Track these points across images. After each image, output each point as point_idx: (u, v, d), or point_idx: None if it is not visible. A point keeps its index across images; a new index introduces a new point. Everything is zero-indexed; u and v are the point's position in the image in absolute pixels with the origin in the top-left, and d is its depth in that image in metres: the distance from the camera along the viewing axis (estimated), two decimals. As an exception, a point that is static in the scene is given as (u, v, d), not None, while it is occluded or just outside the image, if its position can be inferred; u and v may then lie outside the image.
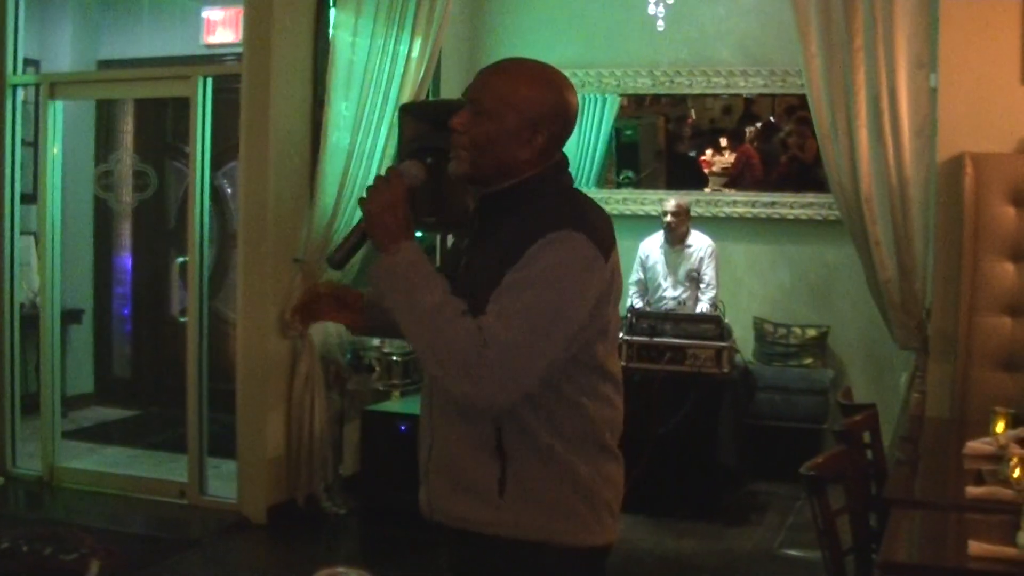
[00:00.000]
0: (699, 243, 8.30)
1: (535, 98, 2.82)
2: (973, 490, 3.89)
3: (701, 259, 8.24)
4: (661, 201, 8.68)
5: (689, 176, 9.29)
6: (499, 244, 2.70)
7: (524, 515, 2.73)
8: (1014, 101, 6.11)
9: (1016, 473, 3.81)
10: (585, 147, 9.36)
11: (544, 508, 2.73)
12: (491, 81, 2.86)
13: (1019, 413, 4.69)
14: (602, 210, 2.89)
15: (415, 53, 7.18)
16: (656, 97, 9.31)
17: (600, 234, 2.71)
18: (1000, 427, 4.58)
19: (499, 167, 2.80)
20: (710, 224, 8.83)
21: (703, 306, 8.08)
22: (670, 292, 8.24)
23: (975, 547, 3.23)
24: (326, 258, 2.71)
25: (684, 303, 8.21)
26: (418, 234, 7.54)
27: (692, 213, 8.59)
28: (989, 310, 5.94)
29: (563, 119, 2.88)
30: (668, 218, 8.21)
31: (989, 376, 5.92)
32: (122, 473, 7.60)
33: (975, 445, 4.51)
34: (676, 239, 8.26)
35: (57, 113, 7.65)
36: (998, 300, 5.94)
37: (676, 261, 8.28)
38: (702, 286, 8.20)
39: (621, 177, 9.51)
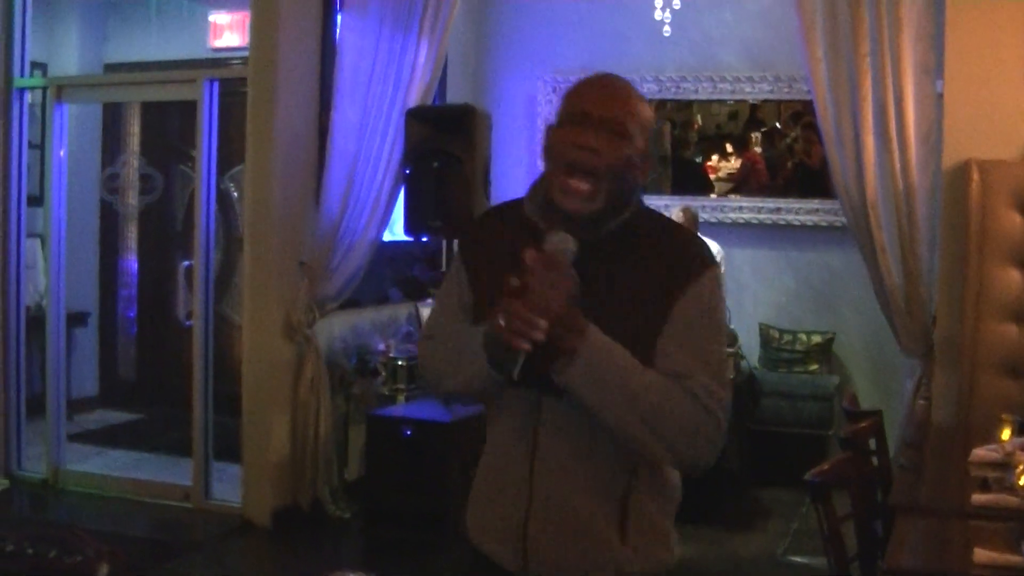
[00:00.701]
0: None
1: (652, 120, 2.65)
2: (979, 497, 3.88)
3: None
4: (667, 208, 8.68)
5: (695, 181, 9.29)
6: (634, 282, 2.52)
7: (644, 550, 2.62)
8: (1020, 108, 6.11)
9: (1022, 481, 3.81)
10: (591, 152, 9.35)
11: (661, 539, 2.67)
12: (624, 98, 2.57)
13: (1024, 420, 4.69)
14: None
15: (421, 58, 7.19)
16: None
17: None
18: (1006, 434, 4.57)
19: (627, 197, 2.57)
20: (716, 230, 8.83)
21: None
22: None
23: (980, 554, 3.23)
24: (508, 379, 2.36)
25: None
26: (424, 239, 7.60)
27: (698, 219, 8.60)
28: (995, 317, 5.94)
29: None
30: None
31: (995, 383, 5.92)
32: (127, 476, 7.60)
33: (981, 452, 4.50)
34: None
35: (64, 116, 7.66)
36: (1004, 307, 5.93)
37: None
38: None
39: (627, 182, 9.50)
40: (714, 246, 8.18)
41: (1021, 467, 3.89)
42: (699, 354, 2.49)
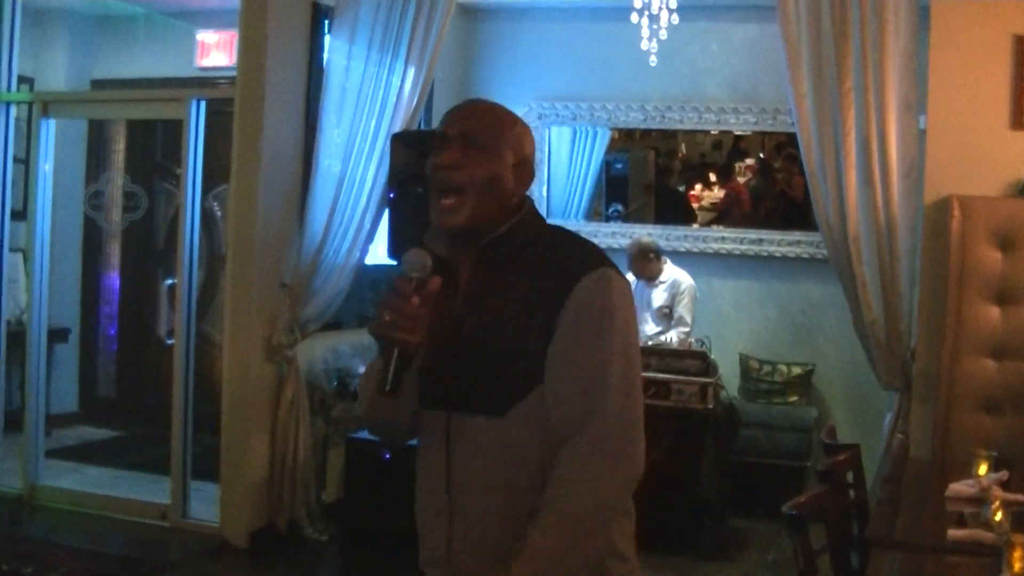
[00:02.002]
0: (673, 280, 8.27)
1: (523, 134, 2.65)
2: (955, 532, 3.90)
3: (673, 296, 8.20)
4: (649, 235, 8.71)
5: (678, 210, 9.32)
6: (518, 292, 2.52)
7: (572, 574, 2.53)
8: (1002, 145, 6.16)
9: (998, 516, 3.83)
10: (575, 179, 9.40)
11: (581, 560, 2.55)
12: (482, 115, 2.62)
13: (1001, 456, 4.71)
14: None
15: (408, 82, 7.20)
16: (647, 131, 9.35)
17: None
18: (982, 469, 4.59)
19: (499, 210, 2.57)
20: (697, 259, 8.86)
21: (671, 341, 7.98)
22: (644, 328, 8.13)
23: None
24: (378, 391, 2.42)
25: (658, 340, 8.12)
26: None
27: (680, 249, 8.66)
28: (973, 352, 5.97)
29: (534, 159, 2.72)
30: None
31: (972, 418, 5.95)
32: (104, 493, 7.57)
33: (957, 487, 4.52)
34: (645, 277, 8.21)
35: (49, 131, 7.64)
36: (982, 343, 5.97)
37: (648, 298, 8.23)
38: (672, 322, 8.16)
39: (610, 210, 9.53)
40: (684, 278, 8.20)
41: (997, 503, 3.91)
42: (585, 368, 2.48)
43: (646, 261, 8.16)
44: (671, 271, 8.29)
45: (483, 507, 2.55)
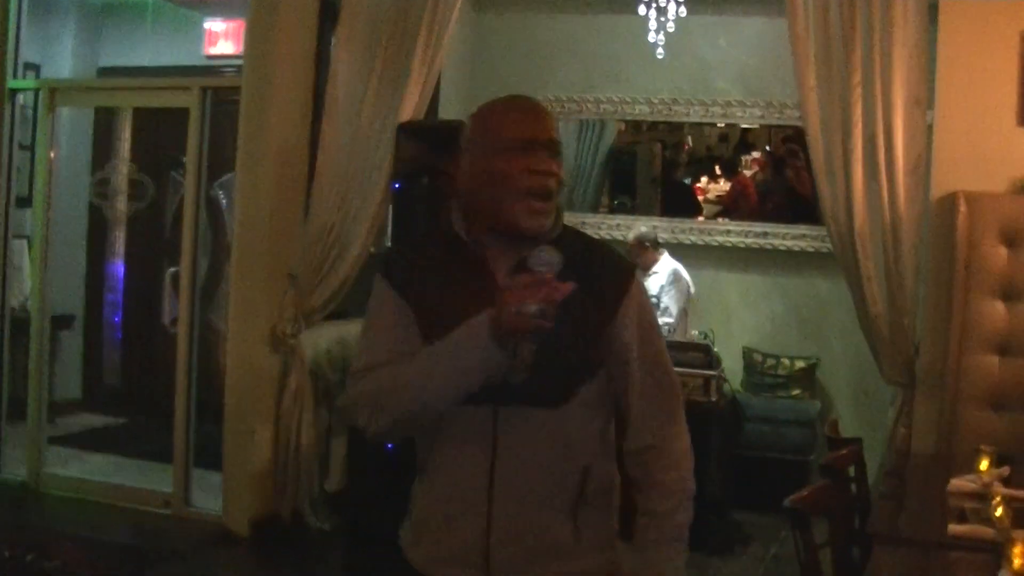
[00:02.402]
0: (667, 271, 8.28)
1: None
2: (956, 528, 3.90)
3: (661, 286, 8.22)
4: (655, 229, 8.73)
5: (684, 203, 9.31)
6: (579, 290, 2.52)
7: (596, 553, 2.73)
8: (1009, 141, 6.15)
9: (998, 512, 3.83)
10: (581, 172, 9.40)
11: (608, 539, 2.78)
12: (553, 120, 2.72)
13: (1004, 452, 4.71)
14: None
15: (414, 73, 7.18)
16: (653, 124, 9.34)
17: None
18: (984, 465, 4.58)
19: (559, 210, 2.71)
20: (703, 252, 8.87)
21: None
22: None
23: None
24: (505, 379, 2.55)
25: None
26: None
27: (685, 242, 8.66)
28: (978, 348, 5.97)
29: None
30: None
31: (976, 414, 5.94)
32: (107, 481, 7.59)
33: (959, 483, 4.52)
34: (639, 266, 8.21)
35: (56, 119, 7.66)
36: (987, 339, 5.96)
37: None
38: (660, 311, 8.15)
39: (616, 202, 9.54)
40: (671, 265, 8.20)
41: (998, 499, 3.91)
42: (656, 359, 2.75)
43: (641, 250, 8.19)
44: (667, 263, 8.30)
45: (528, 497, 2.62)
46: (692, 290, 8.33)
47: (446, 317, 2.55)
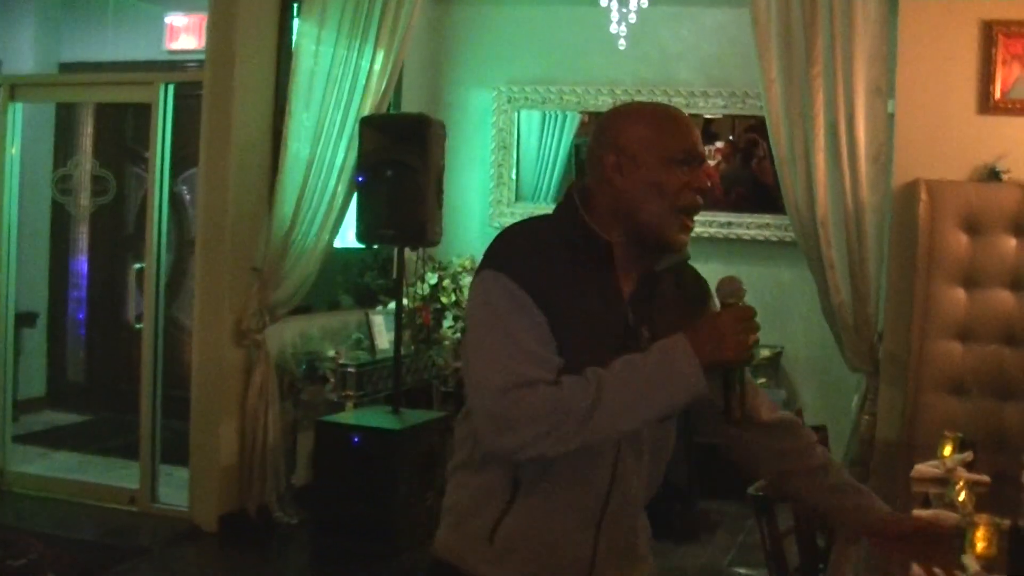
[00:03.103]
0: None
1: None
2: (919, 513, 3.93)
3: None
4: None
5: (648, 194, 9.32)
6: (677, 307, 2.67)
7: (650, 555, 2.81)
8: (970, 129, 6.20)
9: (961, 497, 3.85)
10: (545, 163, 9.40)
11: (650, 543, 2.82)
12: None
13: (966, 437, 4.74)
14: None
15: (377, 66, 7.19)
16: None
17: None
18: (947, 451, 4.62)
19: None
20: (667, 243, 8.88)
21: None
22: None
23: (918, 570, 3.27)
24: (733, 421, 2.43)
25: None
26: (376, 247, 7.62)
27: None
28: (940, 335, 6.01)
29: None
30: None
31: (938, 400, 5.99)
32: (73, 478, 7.56)
33: (923, 468, 4.55)
34: None
35: (16, 115, 7.61)
36: (949, 325, 6.00)
37: None
38: None
39: (580, 194, 9.53)
40: None
41: (961, 484, 3.94)
42: None
43: None
44: None
45: (631, 509, 2.65)
46: None
47: (577, 324, 2.45)
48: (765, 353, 8.64)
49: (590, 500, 2.54)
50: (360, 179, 6.90)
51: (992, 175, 6.12)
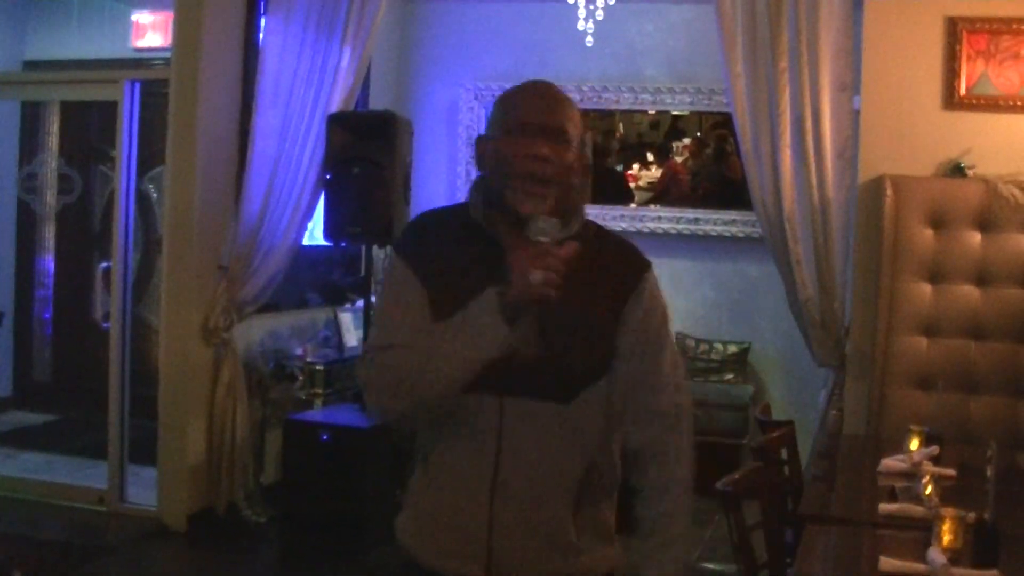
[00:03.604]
0: None
1: (581, 123, 2.74)
2: (886, 507, 3.96)
3: None
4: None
5: (615, 190, 9.34)
6: (589, 285, 2.61)
7: (599, 549, 2.72)
8: (935, 125, 6.24)
9: (928, 490, 3.89)
10: (513, 160, 9.40)
11: (609, 534, 2.78)
12: (565, 107, 2.69)
13: (932, 431, 4.77)
14: None
15: (344, 63, 7.18)
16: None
17: None
18: (914, 445, 4.65)
19: (573, 203, 2.66)
20: (635, 239, 8.71)
21: None
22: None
23: (885, 563, 3.29)
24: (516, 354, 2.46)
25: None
26: (343, 244, 7.61)
27: (617, 228, 8.68)
28: (906, 330, 6.05)
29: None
30: None
31: (905, 395, 6.02)
32: (40, 479, 7.51)
33: (889, 462, 4.59)
34: None
35: (-19, 113, 7.58)
36: (915, 320, 6.04)
37: None
38: None
39: (548, 190, 9.54)
40: None
41: (927, 477, 3.97)
42: (664, 359, 2.75)
43: None
44: None
45: (532, 493, 2.60)
46: None
47: (458, 298, 2.51)
48: (733, 349, 8.68)
49: (479, 468, 2.59)
50: (327, 177, 6.90)
51: (957, 170, 6.16)
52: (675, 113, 9.13)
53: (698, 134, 9.17)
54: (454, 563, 2.63)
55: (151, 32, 9.16)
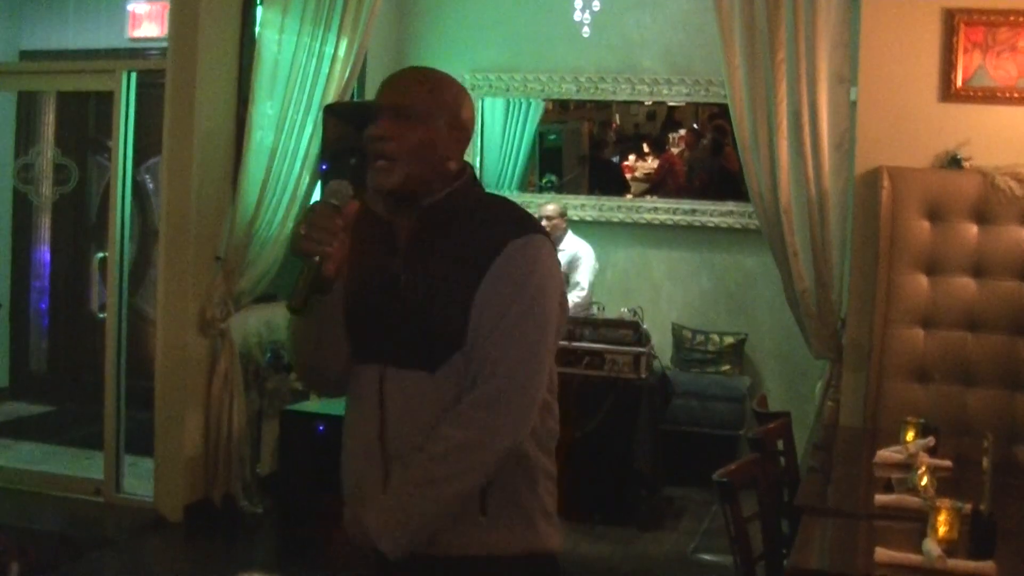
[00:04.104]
0: (570, 247, 8.35)
1: (457, 102, 2.74)
2: (882, 498, 3.96)
3: (570, 262, 8.24)
4: (583, 207, 8.81)
5: (612, 181, 9.35)
6: (451, 254, 2.63)
7: (507, 529, 2.65)
8: (931, 117, 6.23)
9: (923, 482, 3.89)
10: (509, 150, 9.41)
11: (524, 517, 2.68)
12: (412, 86, 2.71)
13: (928, 423, 4.78)
14: None
15: (340, 53, 7.17)
16: (581, 102, 9.36)
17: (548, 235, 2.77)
18: (910, 436, 4.66)
19: (434, 176, 2.68)
20: (631, 230, 8.91)
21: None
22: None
23: (881, 554, 3.29)
24: (286, 305, 2.51)
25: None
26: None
27: (613, 219, 8.71)
28: (902, 321, 6.04)
29: (472, 124, 2.82)
30: (544, 222, 8.21)
31: (901, 386, 6.02)
32: (37, 470, 7.52)
33: (885, 454, 4.59)
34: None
35: (-23, 104, 7.57)
36: (911, 312, 6.04)
37: None
38: (571, 286, 8.17)
39: (544, 181, 9.55)
40: (582, 245, 8.27)
41: (923, 469, 3.97)
42: (496, 328, 2.58)
43: (562, 221, 8.27)
44: (571, 241, 8.35)
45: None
46: (595, 264, 8.43)
47: (354, 271, 2.65)
48: (730, 341, 8.69)
49: (368, 443, 2.68)
50: (323, 167, 6.89)
51: (954, 162, 6.16)
52: (672, 104, 9.13)
53: (695, 125, 9.17)
54: (358, 530, 2.67)
55: (147, 22, 9.15)
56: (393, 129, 2.65)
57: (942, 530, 3.33)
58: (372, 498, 2.63)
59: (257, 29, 6.99)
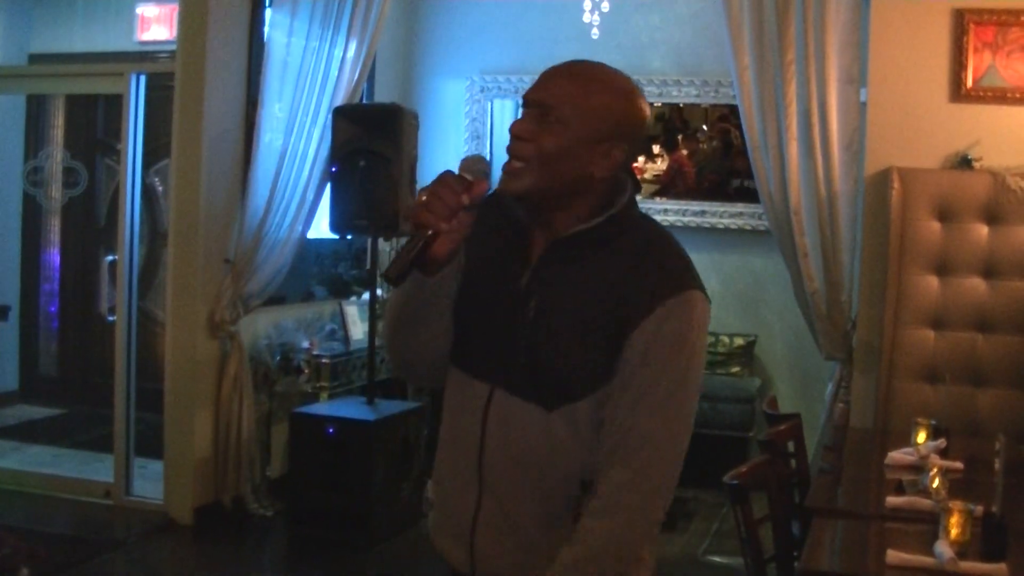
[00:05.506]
0: None
1: (612, 106, 2.42)
2: (893, 500, 3.95)
3: None
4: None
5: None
6: (590, 292, 2.38)
7: None
8: (941, 118, 6.21)
9: (935, 483, 3.88)
10: (519, 152, 9.39)
11: None
12: (562, 84, 2.39)
13: (940, 424, 4.76)
14: None
15: (350, 55, 7.17)
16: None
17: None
18: (921, 438, 4.65)
19: (569, 190, 2.39)
20: (641, 232, 8.89)
21: None
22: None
23: (892, 556, 3.28)
24: (381, 273, 2.33)
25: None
26: (349, 237, 7.60)
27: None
28: (913, 323, 6.03)
29: (640, 132, 2.52)
30: None
31: (912, 387, 6.01)
32: (47, 472, 7.52)
33: (896, 455, 4.58)
34: None
35: (-14, 107, 7.58)
36: (922, 313, 6.03)
37: None
38: None
39: (553, 183, 9.54)
40: None
41: (934, 470, 3.96)
42: (651, 392, 2.35)
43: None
44: None
45: (516, 490, 2.43)
46: None
47: (477, 280, 2.46)
48: (739, 342, 8.67)
49: (466, 459, 2.48)
50: (333, 169, 6.89)
51: (964, 163, 6.14)
52: (681, 105, 9.11)
53: (704, 126, 9.15)
54: (445, 541, 2.56)
55: (156, 25, 9.15)
56: (531, 129, 2.36)
57: (954, 532, 3.32)
58: (460, 527, 2.50)
59: (266, 31, 7.00)
